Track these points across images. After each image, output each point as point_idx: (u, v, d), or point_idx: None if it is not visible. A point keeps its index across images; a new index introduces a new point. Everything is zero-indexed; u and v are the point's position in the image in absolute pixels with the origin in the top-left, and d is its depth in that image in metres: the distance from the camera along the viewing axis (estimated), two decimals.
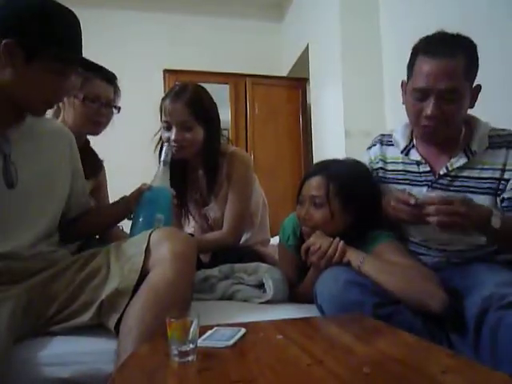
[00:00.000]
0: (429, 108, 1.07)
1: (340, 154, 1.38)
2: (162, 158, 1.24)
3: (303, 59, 3.56)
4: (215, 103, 1.50)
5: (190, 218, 1.60)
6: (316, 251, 1.08)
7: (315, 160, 3.29)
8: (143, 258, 0.96)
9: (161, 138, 1.50)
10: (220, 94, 3.56)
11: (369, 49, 2.74)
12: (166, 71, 3.57)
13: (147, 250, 0.97)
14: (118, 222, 1.29)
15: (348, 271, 1.01)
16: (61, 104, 1.46)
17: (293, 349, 0.69)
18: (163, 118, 1.44)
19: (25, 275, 0.97)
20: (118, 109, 1.53)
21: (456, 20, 1.88)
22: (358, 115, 2.70)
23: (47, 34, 0.95)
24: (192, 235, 1.43)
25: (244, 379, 0.57)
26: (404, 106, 1.18)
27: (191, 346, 0.64)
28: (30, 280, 0.97)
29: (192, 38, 3.93)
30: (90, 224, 1.24)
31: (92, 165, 1.53)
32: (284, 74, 4.07)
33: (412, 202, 1.03)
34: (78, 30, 1.02)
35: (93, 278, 0.98)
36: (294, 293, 1.24)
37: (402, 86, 1.21)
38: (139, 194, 1.19)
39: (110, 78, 1.49)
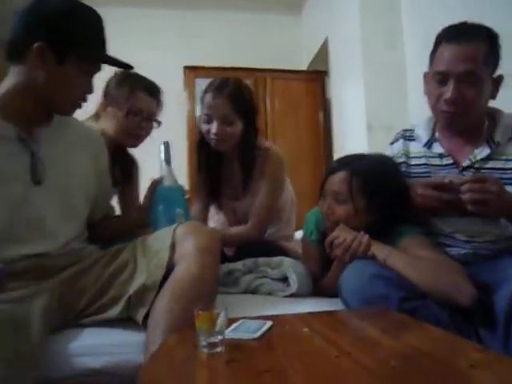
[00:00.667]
0: (448, 92, 1.08)
1: (362, 149, 1.38)
2: (163, 157, 1.23)
3: (323, 52, 3.53)
4: (253, 96, 1.52)
5: (216, 211, 1.62)
6: (340, 244, 1.07)
7: (336, 155, 3.27)
8: (168, 253, 0.97)
9: (199, 132, 1.52)
10: None
11: (390, 40, 2.69)
12: (186, 68, 3.60)
13: (172, 245, 0.99)
14: (131, 229, 1.26)
15: (373, 264, 1.01)
16: (100, 110, 1.49)
17: (319, 341, 0.70)
18: (204, 111, 1.45)
19: (56, 270, 1.00)
20: (159, 123, 1.52)
21: (482, 10, 1.83)
22: (380, 109, 2.66)
23: (75, 35, 0.98)
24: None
25: (273, 370, 0.57)
26: (426, 99, 1.18)
27: (219, 337, 0.65)
28: (61, 274, 1.00)
29: (211, 34, 3.94)
30: (107, 230, 1.24)
31: (123, 170, 1.55)
32: (303, 67, 4.04)
33: (446, 180, 1.02)
34: (103, 28, 1.04)
35: (120, 273, 1.01)
36: (318, 286, 1.24)
37: (424, 76, 1.21)
38: (152, 190, 1.21)
39: (153, 92, 1.49)
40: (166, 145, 1.24)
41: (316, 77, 3.78)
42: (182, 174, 3.29)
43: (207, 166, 1.54)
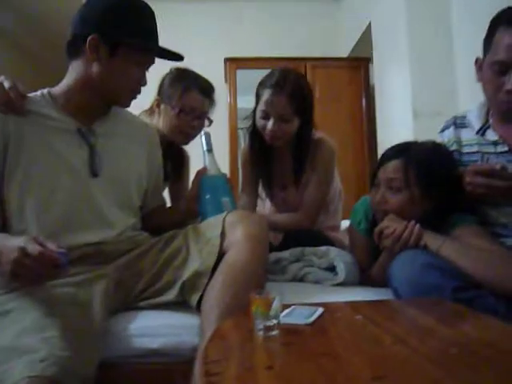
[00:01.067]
0: (510, 83, 1.01)
1: (408, 136, 1.34)
2: (205, 148, 1.24)
3: (365, 38, 3.44)
4: (311, 90, 1.49)
5: (267, 200, 1.64)
6: (390, 235, 1.06)
7: (380, 143, 3.19)
8: (219, 241, 1.00)
9: (252, 124, 1.51)
10: None
11: (438, 23, 2.57)
12: (226, 60, 3.62)
13: (222, 233, 1.02)
14: (181, 221, 1.26)
15: (425, 254, 0.99)
16: (154, 106, 1.52)
17: (373, 328, 0.70)
18: (261, 107, 1.42)
19: (113, 256, 1.06)
20: (210, 121, 1.52)
21: None
22: (427, 94, 2.56)
23: (127, 26, 1.01)
24: None
25: (329, 353, 0.58)
26: (479, 85, 1.12)
27: (274, 321, 0.66)
28: (119, 260, 1.06)
29: (251, 25, 3.94)
30: (158, 222, 1.27)
31: (174, 165, 1.58)
32: (344, 54, 3.96)
33: (497, 166, 0.98)
34: (154, 20, 1.07)
35: (174, 259, 1.05)
36: (366, 276, 1.23)
37: (476, 63, 1.14)
38: (197, 181, 1.23)
39: (207, 91, 1.50)
40: (207, 135, 1.26)
41: (358, 64, 3.69)
42: (223, 164, 3.35)
43: (260, 157, 1.53)
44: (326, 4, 4.10)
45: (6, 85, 1.01)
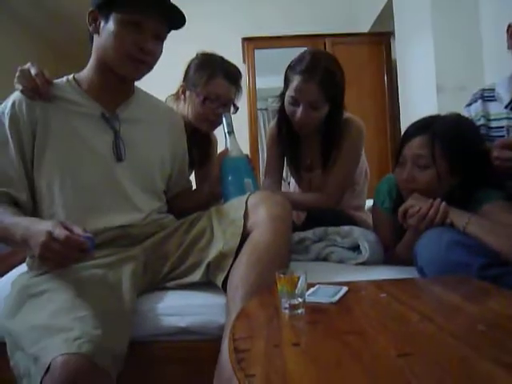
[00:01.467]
0: None
1: (431, 111, 1.30)
2: (226, 130, 1.23)
3: (386, 12, 3.32)
4: (343, 72, 1.44)
5: (291, 182, 1.64)
6: (415, 214, 1.04)
7: (402, 120, 3.12)
8: (242, 221, 1.01)
9: (281, 107, 1.48)
10: None
11: None
12: (244, 39, 3.57)
13: (245, 214, 1.02)
14: (205, 204, 1.26)
15: (451, 231, 0.97)
16: (180, 91, 1.49)
17: (399, 306, 0.70)
18: (290, 93, 1.38)
19: (141, 239, 1.08)
20: (236, 108, 1.49)
21: None
22: (451, 68, 2.47)
23: None
24: None
25: (355, 331, 0.59)
26: (507, 58, 1.08)
27: (299, 299, 0.67)
28: (146, 242, 1.08)
29: (268, 3, 3.86)
30: (183, 204, 1.29)
31: (201, 152, 1.57)
32: (365, 30, 3.84)
33: None
34: None
35: (199, 240, 1.07)
36: (390, 255, 1.23)
37: (508, 30, 1.10)
38: (219, 162, 1.23)
39: (233, 77, 1.45)
40: (228, 117, 1.24)
41: (380, 39, 3.58)
42: (243, 145, 3.35)
43: (288, 140, 1.51)
44: None
45: (33, 71, 1.03)
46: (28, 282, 0.92)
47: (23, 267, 1.09)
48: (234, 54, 3.67)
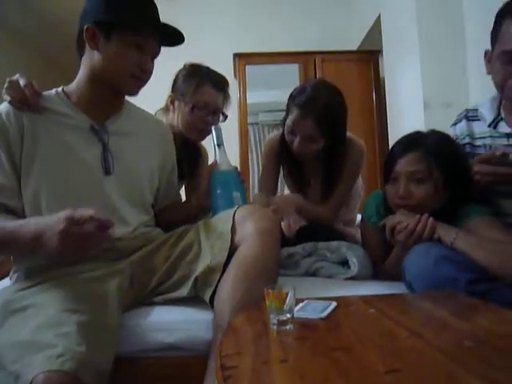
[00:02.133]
0: None
1: (419, 128, 1.32)
2: (216, 142, 1.23)
3: (375, 31, 3.40)
4: (345, 108, 1.45)
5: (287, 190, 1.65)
6: (403, 230, 1.05)
7: (391, 136, 3.16)
8: (230, 236, 1.00)
9: (282, 134, 1.50)
10: (290, 74, 3.54)
11: (447, 13, 2.53)
12: (235, 55, 3.61)
13: (233, 228, 1.02)
14: (193, 217, 1.27)
15: (439, 246, 0.98)
16: (169, 103, 1.51)
17: (387, 322, 0.70)
18: (288, 122, 1.40)
19: (128, 252, 1.07)
20: (225, 117, 1.51)
21: None
22: (437, 85, 2.53)
23: (118, 11, 1.03)
24: None
25: (343, 347, 0.59)
26: (489, 79, 1.12)
27: (288, 315, 0.67)
28: (133, 256, 1.07)
29: (259, 20, 3.92)
30: (170, 217, 1.28)
31: (191, 164, 1.58)
32: (354, 48, 3.92)
33: (497, 153, 0.98)
34: (150, 4, 1.07)
35: (186, 254, 1.05)
36: (379, 270, 1.23)
37: (485, 56, 1.14)
38: (208, 175, 1.22)
39: (220, 85, 1.48)
40: (217, 129, 1.25)
41: (368, 56, 3.66)
42: (234, 159, 3.35)
43: (289, 159, 1.54)
44: None
45: (22, 82, 1.03)
46: (11, 296, 0.90)
47: (6, 281, 1.07)
48: (225, 70, 3.67)
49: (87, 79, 1.08)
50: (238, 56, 3.60)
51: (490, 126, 1.16)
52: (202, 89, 1.44)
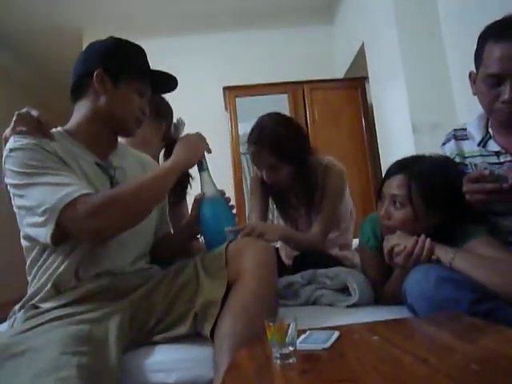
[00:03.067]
0: (506, 93, 1.03)
1: (409, 150, 1.35)
2: (201, 168, 1.23)
3: (359, 58, 3.51)
4: (298, 130, 1.55)
5: (280, 220, 1.66)
6: (401, 252, 1.05)
7: (382, 160, 3.20)
8: (227, 270, 1.01)
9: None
10: (279, 104, 3.61)
11: (429, 37, 2.62)
12: (225, 88, 3.69)
13: (229, 261, 1.02)
14: (185, 247, 1.32)
15: (439, 267, 0.98)
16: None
17: (391, 349, 0.69)
18: (251, 161, 1.54)
19: (127, 291, 1.05)
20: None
21: None
22: (424, 108, 2.59)
23: (125, 60, 1.12)
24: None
25: (348, 379, 0.57)
26: (475, 97, 1.14)
27: (290, 348, 0.66)
28: (132, 295, 1.05)
29: (248, 53, 4.04)
30: (161, 251, 1.27)
31: (175, 192, 1.59)
32: (341, 75, 4.02)
33: (486, 172, 0.99)
34: (146, 57, 1.18)
35: (184, 290, 1.04)
36: (380, 295, 1.22)
37: (469, 77, 1.17)
38: (196, 207, 1.23)
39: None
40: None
41: (355, 83, 3.75)
42: (228, 190, 3.37)
43: (271, 190, 1.62)
44: (320, 28, 4.21)
45: (34, 113, 1.06)
46: (9, 340, 0.88)
47: (4, 325, 1.05)
48: (216, 102, 3.83)
49: (89, 120, 1.11)
50: (227, 89, 3.68)
51: (479, 144, 1.18)
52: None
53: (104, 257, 1.05)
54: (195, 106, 3.58)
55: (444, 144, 1.30)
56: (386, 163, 1.23)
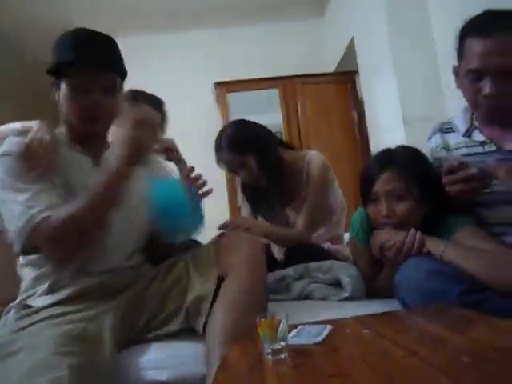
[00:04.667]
0: (487, 88, 1.04)
1: (400, 143, 1.35)
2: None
3: (350, 52, 3.50)
4: (258, 128, 1.60)
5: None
6: (392, 247, 1.05)
7: (373, 153, 3.21)
8: (217, 266, 1.02)
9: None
10: (270, 99, 3.60)
11: (420, 31, 2.62)
12: (216, 84, 3.66)
13: (219, 256, 1.03)
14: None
15: (429, 260, 0.98)
16: None
17: (383, 342, 0.69)
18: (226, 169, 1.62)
19: (119, 289, 1.05)
20: (163, 131, 1.59)
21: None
22: (415, 101, 2.59)
23: (61, 58, 1.03)
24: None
25: (340, 373, 0.57)
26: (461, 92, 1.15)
27: (282, 343, 0.65)
28: (123, 294, 1.04)
29: (238, 49, 4.01)
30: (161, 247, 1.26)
31: None
32: (331, 69, 4.02)
33: (455, 163, 1.01)
34: (98, 48, 1.05)
35: (176, 287, 1.04)
36: (371, 288, 1.22)
37: (453, 70, 1.17)
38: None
39: (156, 103, 1.56)
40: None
41: (345, 77, 3.74)
42: (221, 185, 3.36)
43: (254, 191, 1.66)
44: (310, 22, 4.18)
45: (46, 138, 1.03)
46: (2, 340, 0.87)
47: None
48: (207, 99, 3.80)
49: (66, 122, 1.10)
50: (218, 85, 3.65)
51: (464, 135, 1.19)
52: (137, 107, 1.49)
53: (97, 255, 1.03)
54: (186, 104, 3.55)
55: (430, 137, 1.32)
56: None
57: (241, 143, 1.52)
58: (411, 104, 2.61)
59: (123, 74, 1.12)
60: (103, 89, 1.04)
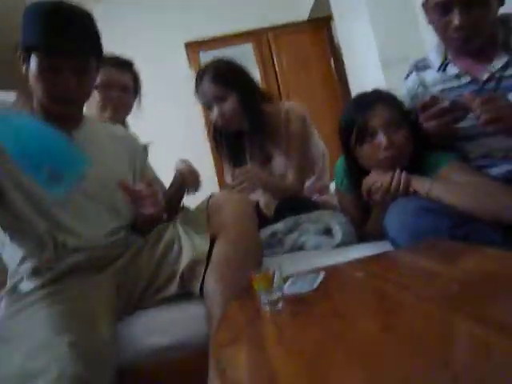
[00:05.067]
0: (455, 19, 1.03)
1: (381, 86, 1.33)
2: None
3: None
4: (242, 67, 1.55)
5: None
6: (379, 189, 1.05)
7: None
8: (208, 227, 1.02)
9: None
10: (245, 55, 3.48)
11: None
12: (187, 44, 3.53)
13: (209, 216, 1.04)
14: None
15: (417, 199, 0.99)
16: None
17: (375, 282, 0.70)
18: (202, 103, 1.54)
19: (108, 262, 1.04)
20: (138, 93, 1.55)
21: None
22: (392, 43, 2.53)
23: (29, 34, 0.97)
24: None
25: (335, 314, 0.58)
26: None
27: (278, 294, 0.66)
28: (114, 265, 1.04)
29: (206, 5, 3.83)
30: None
31: None
32: (305, 17, 3.88)
33: (427, 98, 1.01)
34: (72, 30, 0.97)
35: (168, 253, 1.04)
36: (362, 233, 1.24)
37: (423, 6, 1.14)
38: None
39: (122, 64, 1.50)
40: None
41: (320, 24, 3.63)
42: (203, 151, 3.32)
43: (229, 145, 1.62)
44: None
45: None
46: None
47: None
48: (178, 60, 3.67)
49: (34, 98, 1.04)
50: (189, 45, 3.52)
51: (439, 70, 1.18)
52: (102, 69, 1.31)
53: (74, 234, 1.01)
54: (158, 67, 3.43)
55: (407, 77, 1.30)
56: None
57: (225, 76, 1.48)
58: (389, 46, 2.56)
59: (99, 51, 1.05)
60: (76, 69, 0.99)
